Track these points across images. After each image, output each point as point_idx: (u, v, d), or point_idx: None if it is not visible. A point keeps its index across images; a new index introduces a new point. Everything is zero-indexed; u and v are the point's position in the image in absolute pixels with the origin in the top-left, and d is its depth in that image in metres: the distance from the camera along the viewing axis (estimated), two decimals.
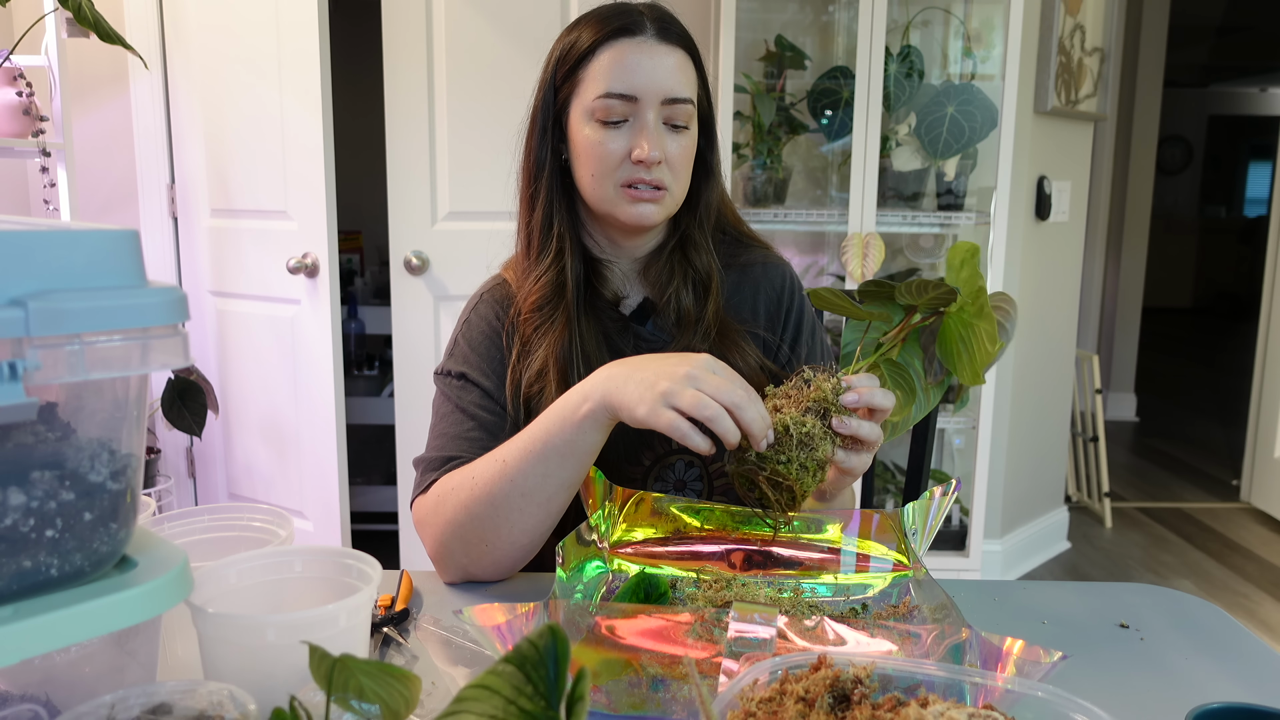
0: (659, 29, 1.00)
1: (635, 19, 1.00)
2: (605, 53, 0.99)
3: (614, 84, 0.99)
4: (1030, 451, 3.01)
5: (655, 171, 1.00)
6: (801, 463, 0.82)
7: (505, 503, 0.91)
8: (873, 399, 0.85)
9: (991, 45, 2.57)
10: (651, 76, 0.98)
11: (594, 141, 1.00)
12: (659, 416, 0.80)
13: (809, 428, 0.82)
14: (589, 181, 1.03)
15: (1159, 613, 0.92)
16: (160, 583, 0.54)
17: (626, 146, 0.99)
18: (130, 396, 0.55)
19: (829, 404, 0.84)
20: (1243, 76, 9.13)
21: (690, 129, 1.03)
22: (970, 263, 0.90)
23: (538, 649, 0.44)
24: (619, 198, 1.01)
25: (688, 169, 1.04)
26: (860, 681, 0.57)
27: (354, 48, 3.45)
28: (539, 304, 1.05)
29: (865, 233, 2.37)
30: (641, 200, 1.01)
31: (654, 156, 0.98)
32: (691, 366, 0.82)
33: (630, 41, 0.99)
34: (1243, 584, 3.04)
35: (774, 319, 1.14)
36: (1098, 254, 4.51)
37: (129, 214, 2.58)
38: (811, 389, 0.85)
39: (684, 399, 0.80)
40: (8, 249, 0.48)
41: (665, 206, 1.03)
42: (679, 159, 1.01)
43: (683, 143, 1.02)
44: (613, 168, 1.00)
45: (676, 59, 1.00)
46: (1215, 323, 9.28)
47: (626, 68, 0.98)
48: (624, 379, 0.85)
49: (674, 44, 1.01)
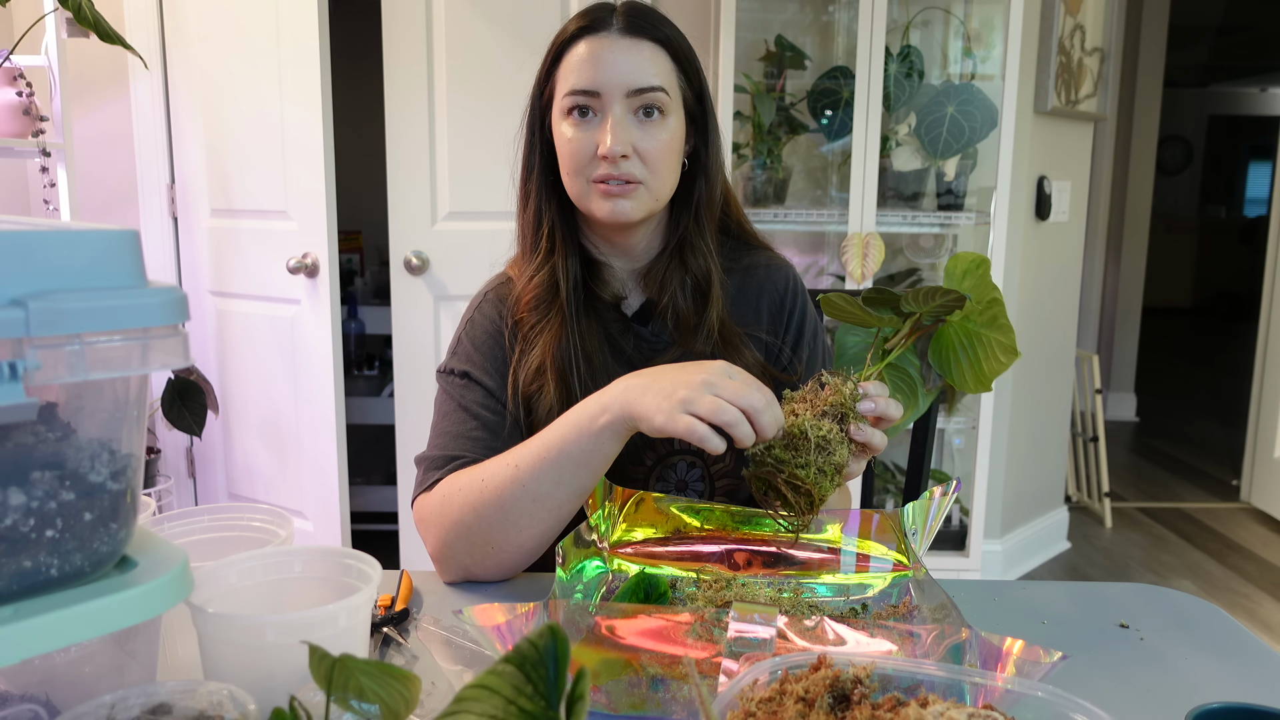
0: (627, 24, 1.00)
1: (603, 16, 1.01)
2: (573, 51, 1.01)
3: (578, 80, 0.99)
4: (1030, 451, 3.01)
5: (623, 166, 0.99)
6: (820, 466, 0.82)
7: (515, 507, 0.91)
8: (887, 409, 0.85)
9: (991, 45, 2.57)
10: (614, 70, 0.98)
11: (566, 139, 1.01)
12: (677, 422, 0.80)
13: (826, 431, 0.82)
14: (566, 179, 1.03)
15: (1159, 613, 0.92)
16: (160, 583, 0.54)
17: (594, 142, 0.99)
18: (130, 396, 0.55)
19: (847, 409, 0.84)
20: (1243, 76, 9.12)
21: (667, 120, 1.01)
22: (976, 274, 0.89)
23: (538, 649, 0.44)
24: (592, 194, 1.01)
25: (665, 162, 1.02)
26: (860, 681, 0.57)
27: (354, 48, 3.45)
28: (534, 303, 1.05)
29: (865, 233, 2.37)
30: (613, 195, 1.00)
31: (615, 151, 0.97)
32: (708, 374, 0.82)
33: (594, 38, 1.00)
34: (1243, 584, 3.04)
35: (776, 322, 1.13)
36: (1098, 254, 4.51)
37: (129, 214, 2.58)
38: (828, 392, 0.85)
39: (703, 405, 0.80)
40: (8, 249, 0.48)
41: (641, 201, 1.02)
42: (653, 152, 1.00)
43: (657, 135, 1.00)
44: (583, 164, 1.00)
45: (645, 51, 1.00)
46: (1215, 323, 9.28)
47: (589, 63, 0.99)
48: (642, 390, 0.85)
49: (641, 37, 1.00)
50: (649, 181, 1.01)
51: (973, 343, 0.90)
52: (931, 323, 0.91)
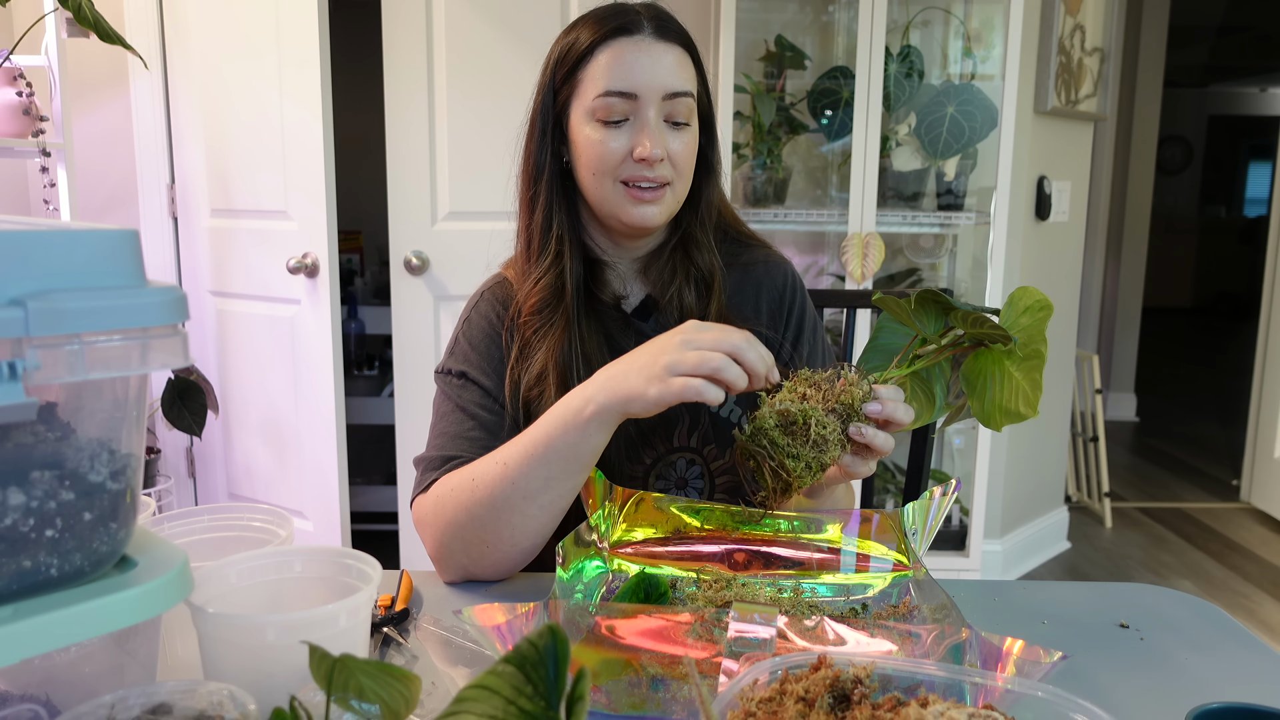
0: (656, 27, 1.01)
1: (633, 18, 1.00)
2: (604, 52, 1.00)
3: (614, 82, 0.99)
4: (1030, 451, 3.01)
5: (658, 169, 1.00)
6: (808, 461, 0.82)
7: (507, 505, 0.91)
8: (894, 413, 0.84)
9: (991, 45, 2.57)
10: (651, 73, 0.99)
11: (595, 141, 1.00)
12: (670, 386, 0.81)
13: (827, 430, 0.82)
14: (590, 181, 1.02)
15: (1159, 613, 0.92)
16: (160, 583, 0.54)
17: (628, 145, 0.99)
18: (130, 396, 0.55)
19: (853, 410, 0.84)
20: (1243, 76, 9.12)
21: (692, 126, 1.03)
22: (1037, 316, 0.87)
23: (538, 649, 0.44)
24: (621, 198, 1.01)
25: (690, 166, 1.04)
26: (860, 681, 0.57)
27: (354, 48, 3.45)
28: (538, 307, 1.05)
29: (865, 233, 2.37)
30: (643, 201, 1.01)
31: (656, 154, 0.98)
32: (683, 334, 0.84)
33: (628, 40, 0.99)
34: (1243, 584, 3.04)
35: (776, 318, 1.14)
36: (1098, 254, 4.51)
37: (129, 214, 2.58)
38: (840, 388, 0.85)
39: (687, 361, 0.81)
40: (8, 249, 0.48)
41: (667, 206, 1.03)
42: (682, 156, 1.02)
43: (685, 139, 1.02)
44: (614, 166, 1.00)
45: (675, 55, 1.01)
46: (1215, 323, 9.27)
47: (625, 65, 0.99)
48: (624, 374, 0.85)
49: (672, 41, 1.01)
50: (676, 185, 1.02)
51: (1003, 379, 0.88)
52: (970, 345, 0.89)
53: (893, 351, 0.93)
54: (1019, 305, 0.88)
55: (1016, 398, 0.87)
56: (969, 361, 0.90)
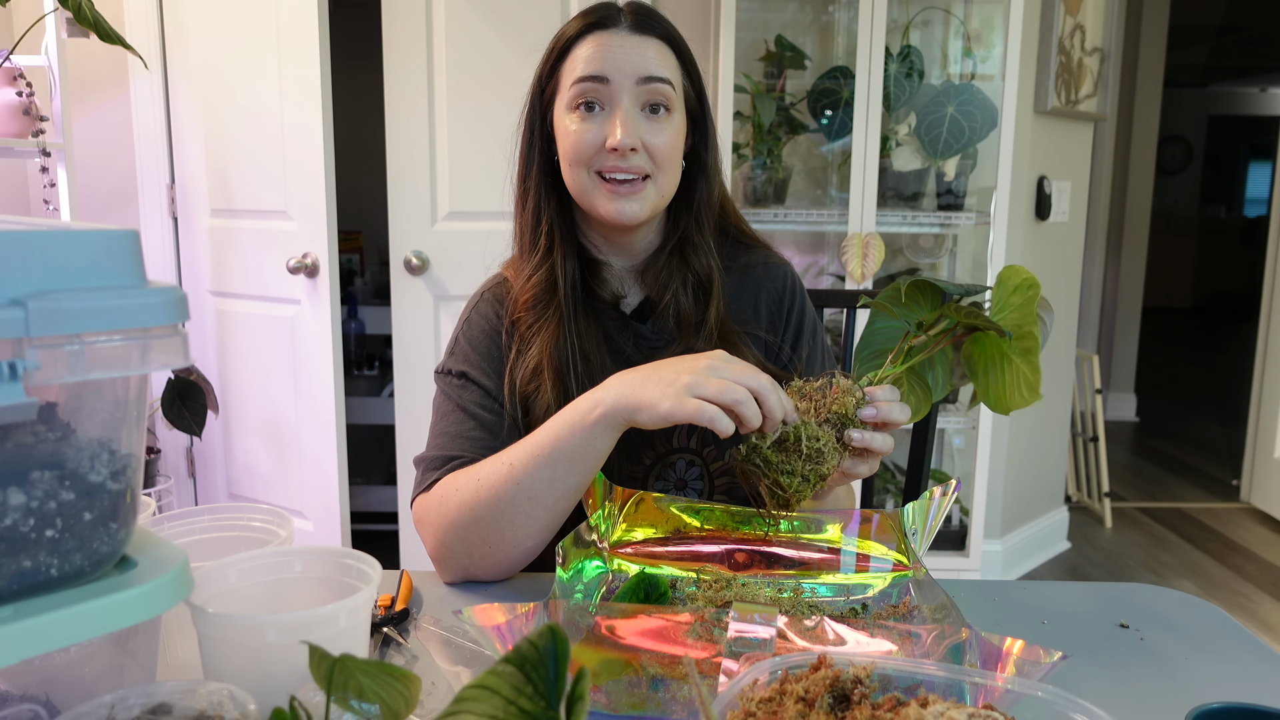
0: (635, 21, 1.02)
1: (612, 13, 1.02)
2: (581, 45, 1.01)
3: (585, 68, 0.99)
4: (1030, 451, 3.01)
5: (632, 160, 0.99)
6: (804, 475, 0.82)
7: (511, 505, 0.91)
8: (890, 414, 0.84)
9: (991, 45, 2.57)
10: (625, 58, 0.99)
11: (570, 131, 1.01)
12: (685, 406, 0.80)
13: (821, 443, 0.82)
14: (569, 173, 1.03)
15: (1159, 613, 0.92)
16: (160, 583, 0.54)
17: (602, 134, 0.99)
18: (130, 396, 0.55)
19: (848, 419, 0.84)
20: (1243, 76, 9.12)
21: (673, 116, 1.02)
22: (1025, 294, 0.87)
23: (538, 649, 0.44)
24: (596, 189, 1.01)
25: (671, 158, 1.02)
26: (860, 681, 0.57)
27: (354, 48, 3.45)
28: (531, 303, 1.05)
29: (865, 233, 2.37)
30: (620, 195, 1.00)
31: (625, 143, 0.97)
32: (711, 359, 0.84)
33: (605, 33, 1.01)
34: (1243, 584, 3.04)
35: (775, 320, 1.13)
36: (1098, 254, 4.51)
37: (129, 214, 2.58)
38: (832, 397, 0.84)
39: (710, 387, 0.80)
40: (8, 249, 0.48)
41: (648, 200, 1.02)
42: (661, 148, 1.00)
43: (665, 130, 1.01)
44: (588, 156, 1.00)
45: (654, 47, 1.01)
46: (1215, 323, 9.28)
47: (599, 53, 0.99)
48: (640, 382, 0.85)
49: (651, 34, 1.02)
50: (656, 178, 1.02)
51: (1001, 365, 0.88)
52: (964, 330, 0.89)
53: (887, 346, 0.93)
54: (1008, 284, 0.89)
55: (1020, 383, 0.88)
56: (968, 345, 0.90)
